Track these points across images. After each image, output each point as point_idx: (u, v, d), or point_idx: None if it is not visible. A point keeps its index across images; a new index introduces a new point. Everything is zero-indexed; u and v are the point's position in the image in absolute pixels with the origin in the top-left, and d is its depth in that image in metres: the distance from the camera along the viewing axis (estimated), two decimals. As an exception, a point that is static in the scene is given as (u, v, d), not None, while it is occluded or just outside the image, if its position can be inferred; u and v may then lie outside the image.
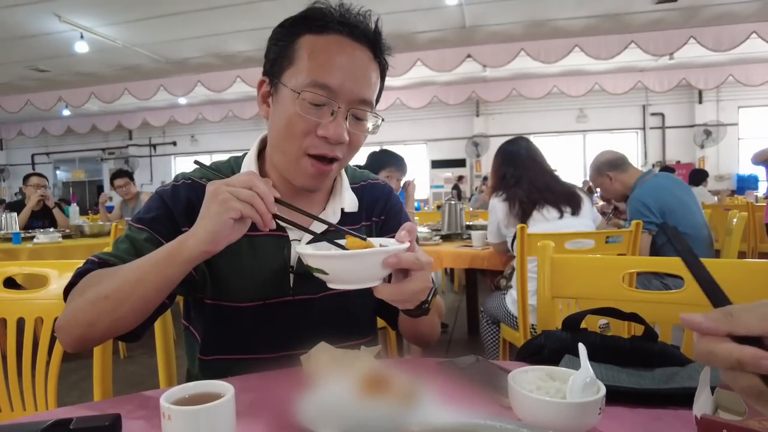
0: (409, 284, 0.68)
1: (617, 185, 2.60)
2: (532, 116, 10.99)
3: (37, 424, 0.53)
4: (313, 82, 0.77)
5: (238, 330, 0.87)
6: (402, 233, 0.70)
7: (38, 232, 3.45)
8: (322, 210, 0.93)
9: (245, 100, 10.28)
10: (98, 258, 0.81)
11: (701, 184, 6.59)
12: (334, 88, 0.77)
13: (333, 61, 0.78)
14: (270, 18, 5.02)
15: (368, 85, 0.81)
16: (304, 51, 0.79)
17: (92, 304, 0.72)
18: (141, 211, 0.87)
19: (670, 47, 6.66)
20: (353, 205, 0.95)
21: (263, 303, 0.86)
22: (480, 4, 6.00)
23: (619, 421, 0.59)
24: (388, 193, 1.03)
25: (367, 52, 0.82)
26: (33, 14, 5.75)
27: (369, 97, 0.82)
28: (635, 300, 1.06)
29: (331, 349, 0.73)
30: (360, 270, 0.66)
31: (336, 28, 0.79)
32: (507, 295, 2.20)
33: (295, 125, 0.79)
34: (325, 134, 0.78)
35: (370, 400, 0.58)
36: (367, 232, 0.97)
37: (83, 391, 2.52)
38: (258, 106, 0.87)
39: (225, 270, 0.85)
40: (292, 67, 0.80)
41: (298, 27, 0.81)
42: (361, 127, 0.83)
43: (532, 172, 2.21)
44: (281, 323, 0.87)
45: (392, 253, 0.65)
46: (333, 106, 0.78)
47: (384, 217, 1.00)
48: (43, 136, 12.52)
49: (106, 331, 0.74)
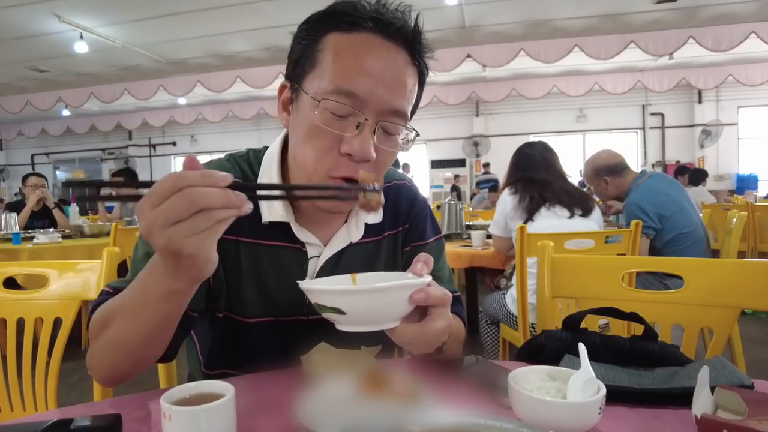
0: (433, 323, 0.59)
1: (612, 189, 2.60)
2: (531, 116, 10.98)
3: (37, 424, 0.53)
4: (338, 88, 0.67)
5: (247, 346, 0.82)
6: (418, 265, 0.62)
7: (38, 232, 3.45)
8: (343, 223, 0.84)
9: (245, 100, 10.27)
10: (112, 288, 0.71)
11: (701, 183, 6.59)
12: (362, 97, 0.67)
13: (361, 64, 0.67)
14: (270, 18, 5.00)
15: (402, 94, 0.70)
16: (329, 52, 0.69)
17: (108, 349, 0.66)
18: None
19: (669, 47, 6.66)
20: (377, 215, 0.85)
21: (275, 320, 0.81)
22: (480, 4, 6.00)
23: (619, 421, 0.59)
24: (414, 196, 0.93)
25: (403, 54, 0.71)
26: (32, 14, 5.75)
27: (403, 108, 0.71)
28: (635, 300, 1.06)
29: (331, 349, 0.73)
30: (382, 307, 0.56)
31: (367, 25, 0.68)
32: (507, 295, 2.20)
33: (316, 139, 0.69)
34: (349, 150, 0.67)
35: (370, 400, 0.58)
36: (391, 243, 0.89)
37: (83, 391, 2.52)
38: (278, 114, 0.78)
39: (242, 279, 0.79)
40: (315, 71, 0.69)
41: (323, 24, 0.70)
42: (391, 143, 0.72)
43: (548, 176, 2.23)
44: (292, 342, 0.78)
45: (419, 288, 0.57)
46: (359, 117, 0.67)
47: (408, 225, 0.91)
48: (42, 136, 12.50)
49: (132, 369, 0.68)
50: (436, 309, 0.60)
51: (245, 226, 0.78)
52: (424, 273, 0.61)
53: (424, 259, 0.63)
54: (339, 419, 0.54)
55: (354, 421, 0.52)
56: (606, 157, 2.64)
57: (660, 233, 2.37)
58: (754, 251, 4.55)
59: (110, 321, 0.65)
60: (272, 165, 0.81)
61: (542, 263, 1.14)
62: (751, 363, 2.22)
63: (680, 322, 1.03)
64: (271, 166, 0.81)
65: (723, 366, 0.70)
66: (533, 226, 2.10)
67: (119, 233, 2.96)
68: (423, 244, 0.92)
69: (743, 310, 1.01)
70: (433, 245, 0.93)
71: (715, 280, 1.01)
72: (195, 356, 0.89)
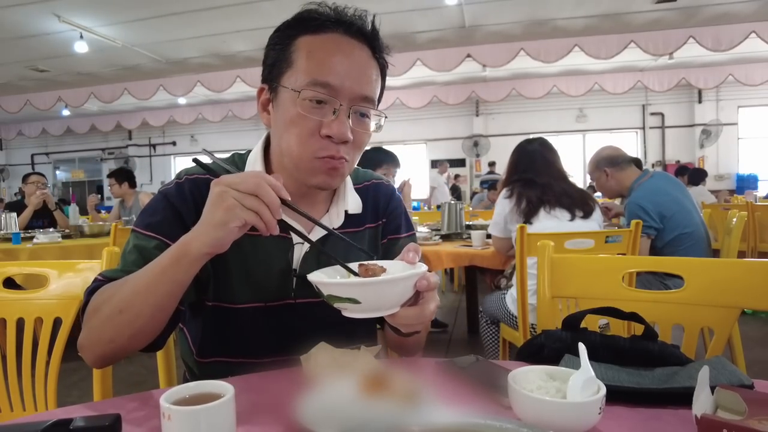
0: (428, 304, 0.66)
1: (612, 182, 2.60)
2: (531, 116, 10.98)
3: (37, 424, 0.53)
4: (314, 81, 0.76)
5: (238, 332, 0.86)
6: (410, 254, 0.69)
7: (38, 232, 3.45)
8: (325, 212, 0.91)
9: (245, 100, 10.27)
10: (104, 277, 0.78)
11: (700, 183, 6.59)
12: (335, 86, 0.76)
13: (332, 59, 0.77)
14: (270, 18, 5.00)
15: (369, 82, 0.80)
16: (302, 51, 0.78)
17: (109, 319, 0.70)
18: (145, 213, 0.83)
19: (669, 47, 6.65)
20: (357, 206, 0.94)
21: (264, 305, 0.85)
22: (480, 4, 6.00)
23: (619, 421, 0.59)
24: (390, 194, 1.01)
25: (365, 49, 0.81)
26: (32, 14, 5.75)
27: (371, 94, 0.81)
28: (635, 300, 1.06)
29: (331, 349, 0.73)
30: (392, 295, 0.63)
31: (332, 27, 0.79)
32: (507, 295, 2.20)
33: (298, 126, 0.77)
34: (328, 132, 0.76)
35: (370, 400, 0.58)
36: (372, 235, 0.96)
37: (83, 391, 2.52)
38: (259, 114, 0.86)
39: (229, 269, 0.84)
40: (291, 69, 0.79)
41: (294, 29, 0.80)
42: (364, 126, 0.82)
43: (549, 179, 2.21)
44: (282, 326, 0.86)
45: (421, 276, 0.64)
46: (334, 103, 0.77)
47: (385, 219, 0.99)
48: (42, 136, 12.50)
49: (128, 345, 0.73)
50: (426, 293, 0.66)
51: None
52: (416, 261, 0.68)
53: (414, 248, 0.70)
54: (339, 419, 0.54)
55: (354, 421, 0.52)
56: (606, 149, 2.67)
57: (661, 233, 2.36)
58: (754, 251, 4.55)
59: (116, 293, 0.71)
60: (256, 163, 0.88)
61: (542, 263, 1.14)
62: (751, 363, 2.22)
63: (680, 322, 1.03)
64: (255, 164, 0.88)
65: (723, 366, 0.70)
66: (533, 227, 2.10)
67: (119, 233, 2.96)
68: (397, 238, 0.99)
69: (743, 310, 1.01)
70: (406, 240, 1.00)
71: (715, 280, 1.01)
72: (187, 347, 0.92)
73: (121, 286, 0.72)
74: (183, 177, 0.86)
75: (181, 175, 0.86)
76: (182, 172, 0.87)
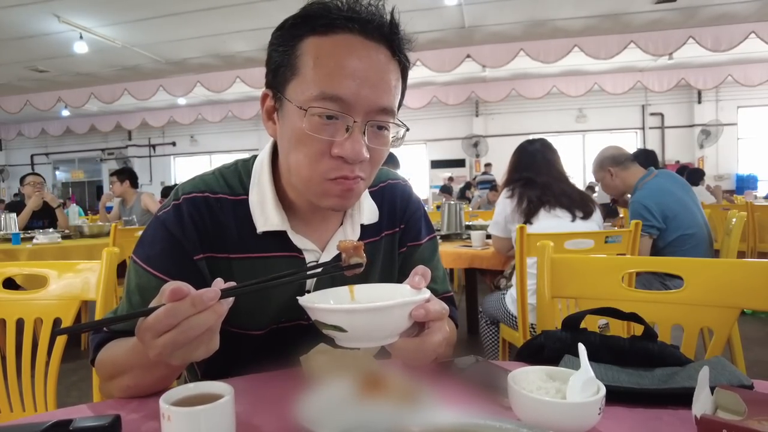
0: (431, 337, 0.59)
1: (617, 182, 2.60)
2: (531, 116, 10.98)
3: (37, 424, 0.53)
4: (322, 94, 0.65)
5: (247, 354, 0.82)
6: (416, 278, 0.61)
7: (37, 232, 3.45)
8: (339, 226, 0.83)
9: (245, 100, 10.27)
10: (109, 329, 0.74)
11: (699, 183, 6.58)
12: (348, 100, 0.65)
13: (344, 66, 0.66)
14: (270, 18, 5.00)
15: (387, 91, 0.69)
16: (309, 57, 0.67)
17: (123, 392, 0.69)
18: (144, 243, 0.77)
19: (669, 47, 6.66)
20: (373, 215, 0.85)
21: (276, 326, 0.81)
22: (479, 4, 6.00)
23: (619, 421, 0.59)
24: (408, 196, 0.93)
25: (383, 50, 0.69)
26: (32, 14, 5.74)
27: (389, 105, 0.69)
28: (635, 300, 1.06)
29: (331, 350, 0.73)
30: (383, 325, 0.56)
31: (344, 26, 0.67)
32: (507, 295, 2.20)
33: (307, 145, 0.68)
34: (340, 153, 0.67)
35: (370, 400, 0.58)
36: (389, 243, 0.89)
37: (83, 391, 2.52)
38: (263, 123, 0.76)
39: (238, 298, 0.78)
40: (297, 78, 0.68)
41: (299, 28, 0.69)
42: (382, 141, 0.71)
43: (549, 179, 2.21)
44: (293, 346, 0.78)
45: (418, 304, 0.57)
46: (347, 120, 0.66)
47: (404, 225, 0.90)
48: (42, 136, 12.49)
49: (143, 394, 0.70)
50: (434, 323, 0.60)
51: (235, 241, 0.77)
52: (422, 286, 0.61)
53: (422, 272, 0.62)
54: (338, 420, 0.54)
55: (353, 421, 0.52)
56: (610, 149, 2.67)
57: (663, 233, 2.35)
58: (754, 251, 4.56)
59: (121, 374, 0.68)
60: (263, 174, 0.80)
61: (542, 263, 1.14)
62: (751, 363, 2.22)
63: (680, 322, 1.03)
64: (262, 174, 0.80)
65: (723, 366, 0.70)
66: (533, 227, 2.10)
67: (119, 233, 2.96)
68: (418, 245, 0.92)
69: (743, 310, 1.01)
70: (427, 245, 0.94)
71: (714, 280, 1.01)
72: (192, 368, 0.89)
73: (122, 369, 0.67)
74: (180, 198, 0.77)
75: (179, 196, 0.78)
76: (178, 190, 0.79)
